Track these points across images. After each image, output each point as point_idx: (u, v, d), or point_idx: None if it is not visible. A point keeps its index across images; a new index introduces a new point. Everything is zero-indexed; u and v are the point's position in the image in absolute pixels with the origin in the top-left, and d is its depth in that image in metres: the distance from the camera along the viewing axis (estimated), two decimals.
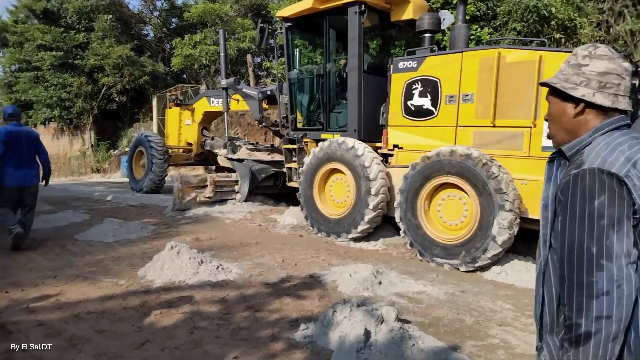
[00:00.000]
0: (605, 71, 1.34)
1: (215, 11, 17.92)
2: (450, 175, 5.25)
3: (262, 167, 8.88)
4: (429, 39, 6.54)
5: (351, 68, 6.78)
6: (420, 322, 3.72)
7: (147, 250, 5.88)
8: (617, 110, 1.37)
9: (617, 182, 1.24)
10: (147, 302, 4.12)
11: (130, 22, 22.92)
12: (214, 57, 18.01)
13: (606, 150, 1.29)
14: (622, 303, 1.21)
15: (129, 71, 20.24)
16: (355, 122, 6.81)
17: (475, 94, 5.49)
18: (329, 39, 7.15)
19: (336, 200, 6.79)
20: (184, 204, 8.43)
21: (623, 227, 1.22)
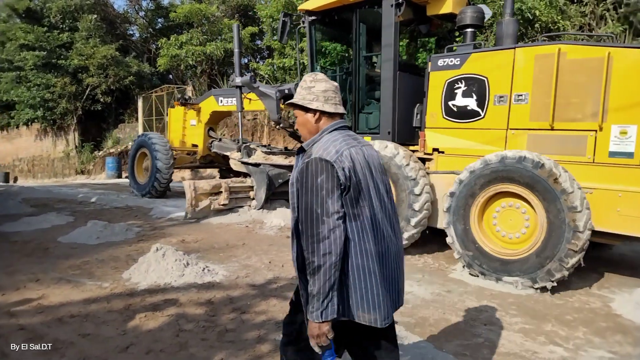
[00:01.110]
0: (325, 89, 1.99)
1: (202, 11, 17.81)
2: (514, 183, 4.68)
3: (279, 171, 8.32)
4: (471, 35, 6.06)
5: (385, 65, 6.24)
6: (407, 322, 3.74)
7: (132, 252, 5.82)
8: (339, 115, 2.03)
9: (330, 166, 1.81)
10: (131, 305, 4.07)
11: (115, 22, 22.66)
12: (200, 57, 17.89)
13: (325, 145, 1.90)
14: (337, 243, 1.77)
15: (114, 71, 20.01)
16: (389, 124, 6.26)
17: (530, 94, 5.02)
18: (358, 34, 6.59)
19: None
20: (197, 212, 7.86)
21: (335, 194, 1.80)
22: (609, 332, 3.70)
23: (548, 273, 4.45)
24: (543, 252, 4.51)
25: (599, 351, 3.35)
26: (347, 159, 1.86)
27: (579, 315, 4.04)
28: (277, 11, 13.64)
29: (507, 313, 4.04)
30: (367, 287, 1.87)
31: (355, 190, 1.87)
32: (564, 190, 4.36)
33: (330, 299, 1.77)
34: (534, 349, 3.37)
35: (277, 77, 14.83)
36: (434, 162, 5.88)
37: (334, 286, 1.77)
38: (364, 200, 1.89)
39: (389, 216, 2.01)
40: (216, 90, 10.94)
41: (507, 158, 4.74)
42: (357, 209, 1.87)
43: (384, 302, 1.90)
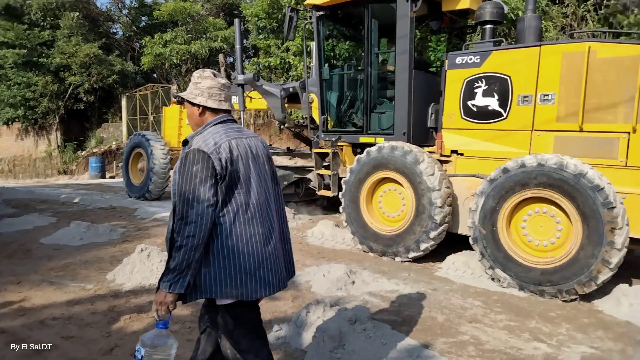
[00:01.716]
0: (210, 86, 2.15)
1: (186, 10, 17.68)
2: (548, 189, 4.38)
3: (284, 173, 7.98)
4: (490, 31, 5.79)
5: (400, 63, 5.99)
6: (393, 321, 3.75)
7: (116, 253, 5.75)
8: (223, 110, 2.19)
9: (206, 156, 1.96)
10: (116, 306, 4.03)
11: (98, 20, 22.35)
12: (185, 56, 17.76)
13: (205, 137, 2.05)
14: (202, 228, 1.93)
15: (96, 70, 19.73)
16: (404, 124, 6.02)
17: (556, 94, 4.77)
18: (370, 30, 6.29)
19: (387, 213, 5.86)
20: None
21: (207, 183, 1.95)
22: (591, 328, 3.76)
23: (575, 286, 4.23)
24: (573, 266, 4.25)
25: (581, 347, 3.40)
26: (224, 150, 2.01)
27: (562, 311, 4.10)
28: (262, 10, 13.60)
29: (492, 310, 4.08)
30: (237, 266, 2.03)
31: (232, 178, 2.03)
32: (607, 204, 4.07)
33: (183, 275, 1.94)
34: (518, 345, 3.41)
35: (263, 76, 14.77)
36: (452, 165, 5.61)
37: (190, 266, 1.94)
38: (242, 187, 2.06)
39: (270, 202, 2.20)
40: None
41: (547, 162, 4.38)
42: (233, 196, 2.04)
43: (252, 280, 2.05)
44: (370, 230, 5.85)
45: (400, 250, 5.53)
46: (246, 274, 2.03)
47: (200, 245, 1.95)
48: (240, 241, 2.04)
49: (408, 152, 5.45)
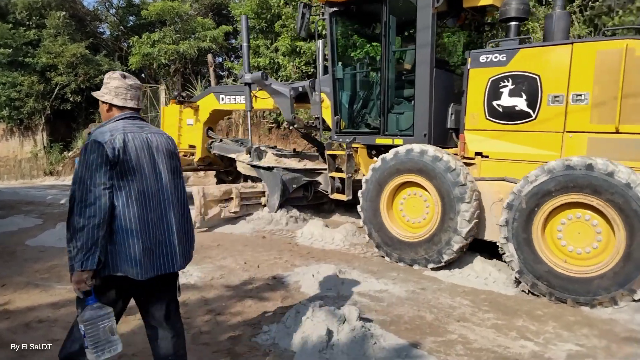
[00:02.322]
0: (117, 86, 2.42)
1: (175, 9, 17.54)
2: (594, 196, 4.14)
3: (294, 176, 7.71)
4: (515, 29, 5.56)
5: (421, 61, 5.72)
6: (382, 320, 3.77)
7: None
8: (129, 108, 2.44)
9: (101, 146, 2.19)
10: None
11: (85, 20, 22.09)
12: (173, 56, 17.63)
13: (103, 130, 2.30)
14: (101, 209, 2.14)
15: (83, 70, 19.51)
16: (425, 125, 5.73)
17: (590, 94, 4.55)
18: (388, 27, 5.97)
19: (410, 219, 5.58)
20: (207, 221, 7.10)
21: (102, 170, 2.17)
22: (576, 325, 3.81)
23: (611, 299, 4.08)
24: (616, 276, 4.05)
25: (568, 344, 3.44)
26: (118, 141, 2.25)
27: (549, 310, 4.14)
28: (251, 10, 13.55)
29: (480, 309, 4.11)
30: (131, 246, 2.24)
31: (123, 167, 2.24)
32: None
33: (92, 253, 2.12)
34: (505, 344, 3.44)
35: None
36: (476, 168, 5.34)
37: (96, 243, 2.13)
38: (133, 175, 2.28)
39: (165, 192, 2.41)
40: (216, 88, 10.10)
41: (598, 167, 4.13)
42: (124, 182, 2.26)
43: (145, 260, 2.27)
44: (390, 236, 5.57)
45: (424, 257, 5.23)
46: (137, 255, 2.25)
47: (102, 224, 2.15)
48: (133, 223, 2.25)
49: (436, 155, 5.17)
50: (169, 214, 2.40)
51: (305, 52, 12.07)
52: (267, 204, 7.70)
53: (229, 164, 10.30)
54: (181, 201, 2.51)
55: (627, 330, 3.70)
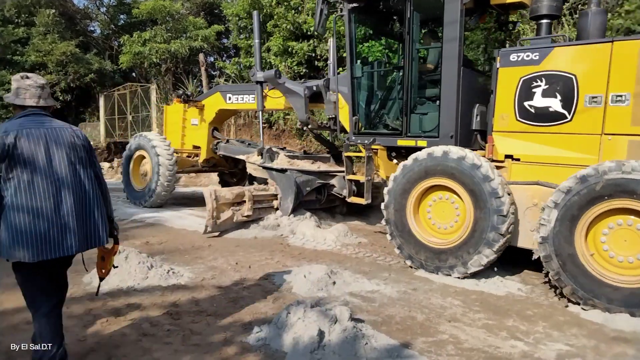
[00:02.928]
0: (18, 87, 2.64)
1: (166, 8, 17.46)
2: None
3: (307, 178, 7.42)
4: (546, 27, 5.35)
5: (448, 59, 5.46)
6: (373, 321, 3.77)
7: (92, 255, 5.61)
8: (30, 106, 2.64)
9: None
10: (92, 309, 3.95)
11: (75, 18, 21.91)
12: (165, 55, 17.54)
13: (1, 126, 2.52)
14: None
15: (73, 69, 19.34)
16: (452, 126, 5.49)
17: (631, 95, 4.33)
18: (412, 23, 5.70)
19: (438, 224, 5.28)
20: (218, 225, 6.73)
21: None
22: (566, 325, 3.83)
23: None
24: None
25: (557, 344, 3.47)
26: (11, 136, 2.45)
27: (539, 310, 4.17)
28: (243, 9, 13.53)
29: (471, 309, 4.13)
30: (20, 232, 2.46)
31: (13, 160, 2.44)
32: None
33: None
34: (496, 344, 3.45)
35: (244, 76, 14.70)
36: (506, 171, 5.09)
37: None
38: (24, 167, 2.47)
39: (61, 180, 2.59)
40: (223, 86, 9.92)
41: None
42: (13, 174, 2.46)
43: (35, 244, 2.49)
44: (415, 240, 5.30)
45: (456, 264, 4.95)
46: (27, 240, 2.47)
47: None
48: (23, 211, 2.46)
49: (474, 163, 4.87)
50: (65, 202, 2.59)
51: (297, 53, 12.07)
52: (279, 208, 7.39)
53: (234, 166, 10.05)
54: (84, 189, 2.70)
55: (616, 330, 3.74)
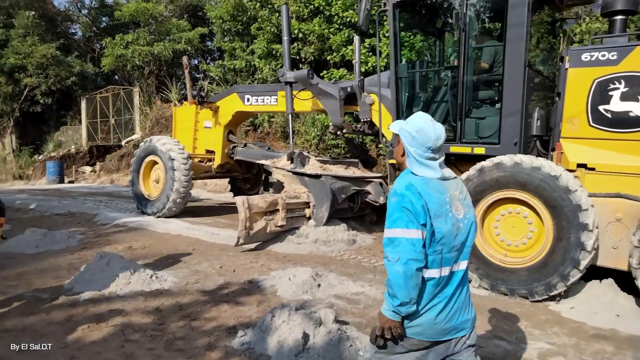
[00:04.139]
0: None
1: (149, 11, 17.32)
2: None
3: (342, 185, 6.85)
4: (621, 23, 4.93)
5: (512, 59, 5.00)
6: (358, 323, 3.77)
7: (74, 261, 5.55)
8: None
9: None
10: (73, 316, 3.88)
11: (55, 20, 21.61)
12: (148, 58, 17.38)
13: None
14: None
15: (54, 71, 19.06)
16: (516, 132, 5.00)
17: None
18: (468, 19, 5.26)
19: (507, 240, 4.71)
20: (252, 237, 6.14)
21: None
22: (547, 324, 3.89)
23: None
24: None
25: (539, 343, 3.52)
26: None
27: (521, 309, 4.22)
28: (227, 12, 13.48)
29: None
30: None
31: None
32: None
33: None
34: (479, 343, 3.47)
35: (228, 79, 14.65)
36: (579, 182, 4.59)
37: None
38: None
39: None
40: (240, 87, 9.31)
41: None
42: None
43: None
44: (481, 258, 4.76)
45: (528, 288, 4.43)
46: None
47: None
48: None
49: (555, 174, 4.37)
50: None
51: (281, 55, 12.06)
52: (312, 216, 6.77)
53: (247, 171, 9.64)
54: None
55: (595, 328, 3.81)
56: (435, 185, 1.95)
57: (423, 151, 1.95)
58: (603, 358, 3.29)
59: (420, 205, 1.86)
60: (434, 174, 1.96)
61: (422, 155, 1.96)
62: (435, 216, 1.89)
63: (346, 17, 10.38)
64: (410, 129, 1.99)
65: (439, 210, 1.90)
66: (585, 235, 4.17)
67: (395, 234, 1.88)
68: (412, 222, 1.85)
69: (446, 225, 1.91)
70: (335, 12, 10.63)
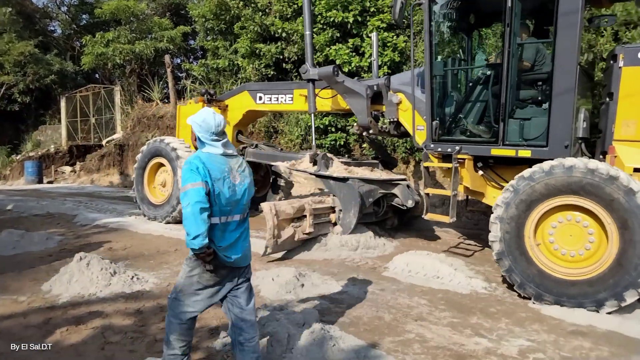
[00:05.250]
0: None
1: (130, 8, 17.06)
2: None
3: (370, 188, 6.43)
4: None
5: (564, 56, 4.65)
6: (341, 322, 3.78)
7: (52, 262, 5.45)
8: None
9: None
10: (52, 318, 3.81)
11: (33, 17, 21.16)
12: (129, 56, 17.15)
13: None
14: None
15: (32, 69, 18.68)
16: (567, 134, 4.66)
17: None
18: (513, 15, 4.87)
19: (562, 250, 4.39)
20: (280, 245, 5.76)
21: None
22: (527, 321, 3.95)
23: None
24: None
25: (519, 340, 3.57)
26: None
27: (502, 307, 4.28)
28: (210, 11, 13.36)
29: (437, 308, 4.20)
30: None
31: None
32: None
33: None
34: (461, 341, 3.53)
35: (211, 78, 14.53)
36: None
37: None
38: None
39: None
40: (251, 85, 8.75)
41: None
42: None
43: None
44: (537, 269, 4.41)
45: (606, 297, 4.07)
46: None
47: None
48: None
49: (630, 187, 4.04)
50: None
51: (265, 55, 12.01)
52: (339, 222, 6.39)
53: (254, 173, 9.07)
54: None
55: (573, 325, 3.88)
56: (217, 159, 2.67)
57: (209, 135, 2.68)
58: (581, 354, 3.35)
59: (203, 169, 2.56)
60: (217, 151, 2.69)
61: (207, 138, 2.69)
62: (215, 179, 2.59)
63: (330, 17, 10.37)
64: (198, 120, 2.69)
65: (219, 176, 2.62)
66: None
67: (186, 188, 2.54)
68: (197, 178, 2.54)
69: (224, 187, 2.63)
70: (319, 11, 10.61)
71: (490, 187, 5.52)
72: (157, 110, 16.47)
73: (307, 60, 6.65)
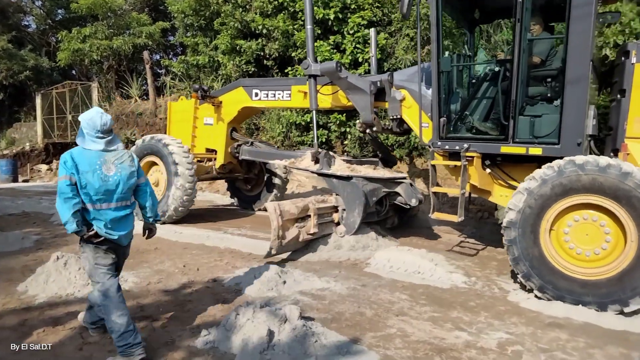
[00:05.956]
0: None
1: (107, 3, 16.75)
2: None
3: (374, 187, 6.26)
4: None
5: (577, 52, 4.53)
6: (323, 318, 3.79)
7: (29, 262, 5.33)
8: None
9: None
10: (28, 319, 3.73)
11: (6, 11, 20.61)
12: (107, 52, 16.85)
13: None
14: None
15: (6, 65, 18.23)
16: (579, 131, 4.57)
17: None
18: (524, 9, 4.72)
19: (579, 250, 4.28)
20: (284, 246, 5.55)
21: None
22: (506, 314, 4.02)
23: None
24: None
25: (498, 333, 3.63)
26: None
27: (481, 301, 4.34)
28: (189, 7, 13.22)
29: (418, 303, 4.24)
30: None
31: None
32: None
33: None
34: (441, 335, 3.57)
35: (191, 74, 14.38)
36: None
37: None
38: None
39: None
40: (246, 80, 8.52)
41: None
42: None
43: None
44: (551, 269, 4.31)
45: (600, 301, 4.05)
46: None
47: None
48: None
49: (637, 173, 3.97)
50: None
51: (245, 51, 11.93)
52: (342, 222, 6.19)
53: (248, 171, 9.04)
54: None
55: (551, 317, 3.96)
56: (89, 153, 3.03)
57: (94, 132, 3.05)
58: (558, 345, 3.42)
59: (71, 163, 2.95)
60: (97, 147, 3.06)
61: (92, 135, 3.06)
62: (83, 172, 2.96)
63: None
64: (86, 118, 3.06)
65: (87, 169, 2.98)
66: None
67: (60, 180, 2.94)
68: (64, 171, 2.95)
69: (93, 178, 2.98)
70: (300, 8, 10.58)
71: (498, 185, 5.45)
72: (135, 107, 16.24)
73: (308, 56, 6.45)
